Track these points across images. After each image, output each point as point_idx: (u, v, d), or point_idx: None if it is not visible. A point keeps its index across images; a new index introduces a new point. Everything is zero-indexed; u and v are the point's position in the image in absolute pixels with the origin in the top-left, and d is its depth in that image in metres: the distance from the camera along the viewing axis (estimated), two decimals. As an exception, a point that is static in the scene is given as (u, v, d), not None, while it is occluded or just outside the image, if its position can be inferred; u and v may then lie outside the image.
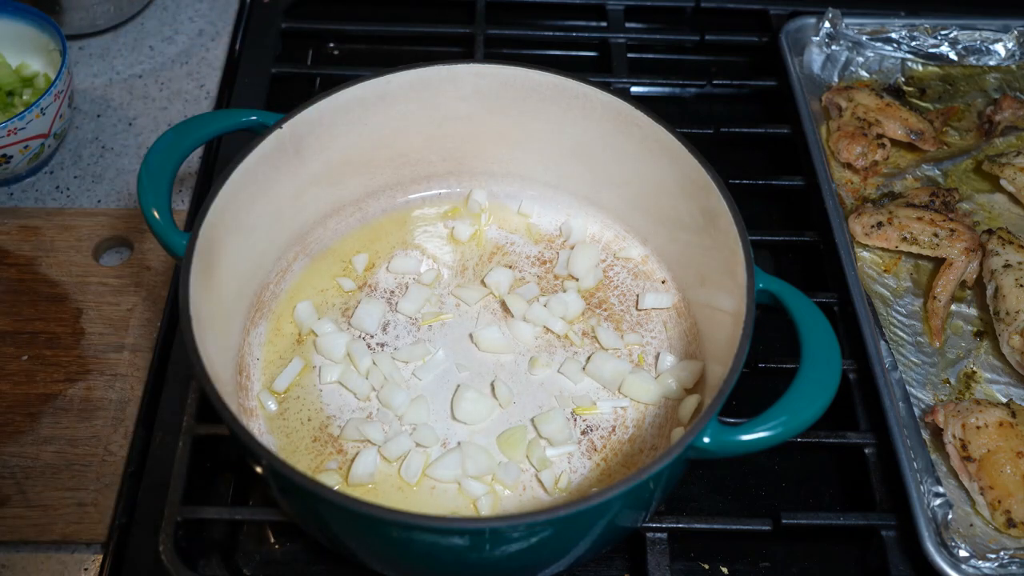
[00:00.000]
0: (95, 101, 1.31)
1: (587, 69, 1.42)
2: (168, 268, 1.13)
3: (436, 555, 0.80)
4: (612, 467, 0.96)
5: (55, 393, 1.03)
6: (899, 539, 0.94)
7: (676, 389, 1.00)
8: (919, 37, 1.34)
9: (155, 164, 0.94)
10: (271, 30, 1.38)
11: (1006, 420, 0.96)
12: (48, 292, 1.11)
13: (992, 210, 1.20)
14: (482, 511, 0.92)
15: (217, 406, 0.79)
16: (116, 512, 0.96)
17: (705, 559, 0.97)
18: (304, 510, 0.84)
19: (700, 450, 0.79)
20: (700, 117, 1.36)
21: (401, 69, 1.03)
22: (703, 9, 1.44)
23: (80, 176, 1.23)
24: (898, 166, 1.24)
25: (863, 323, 1.04)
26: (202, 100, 1.32)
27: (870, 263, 1.14)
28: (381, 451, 0.94)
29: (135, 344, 1.07)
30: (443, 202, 1.15)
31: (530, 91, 1.05)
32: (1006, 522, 0.92)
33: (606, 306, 1.07)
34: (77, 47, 1.37)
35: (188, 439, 0.96)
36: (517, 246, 1.12)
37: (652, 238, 1.10)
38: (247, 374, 1.00)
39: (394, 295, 1.07)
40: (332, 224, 1.11)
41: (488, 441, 0.96)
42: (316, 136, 1.02)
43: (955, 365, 1.06)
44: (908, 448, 0.95)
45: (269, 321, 1.04)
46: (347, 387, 1.00)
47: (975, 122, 1.29)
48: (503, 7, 1.45)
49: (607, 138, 1.05)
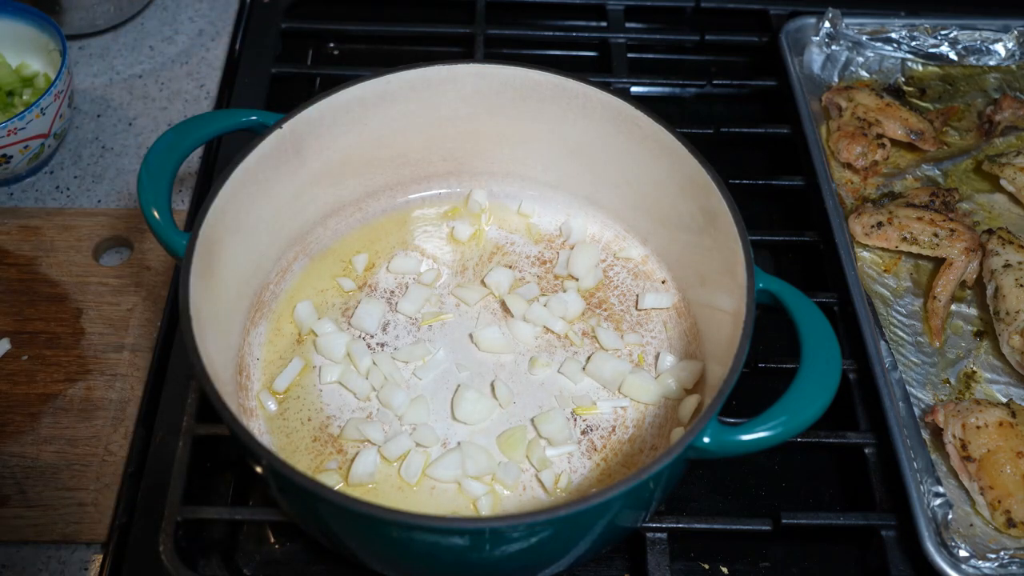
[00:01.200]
0: (95, 101, 1.31)
1: (587, 69, 1.42)
2: (168, 268, 1.13)
3: (436, 555, 0.80)
4: (612, 467, 0.96)
5: (55, 393, 1.03)
6: (899, 539, 0.94)
7: (676, 389, 1.00)
8: (919, 37, 1.34)
9: (155, 164, 0.94)
10: (271, 30, 1.38)
11: (1006, 420, 0.96)
12: (48, 292, 1.11)
13: (992, 210, 1.20)
14: (482, 511, 0.92)
15: (217, 406, 0.79)
16: (116, 512, 0.96)
17: (705, 559, 0.97)
18: (304, 510, 0.84)
19: (700, 450, 0.79)
20: (700, 117, 1.36)
21: (401, 69, 1.03)
22: (703, 9, 1.44)
23: (80, 176, 1.23)
24: (898, 166, 1.24)
25: (863, 323, 1.04)
26: (202, 100, 1.32)
27: (870, 263, 1.14)
28: (381, 451, 0.94)
29: (135, 344, 1.07)
30: (443, 202, 1.15)
31: (530, 91, 1.05)
32: (1006, 522, 0.92)
33: (606, 306, 1.07)
34: (77, 47, 1.37)
35: (188, 439, 0.96)
36: (517, 246, 1.12)
37: (652, 238, 1.10)
38: (247, 374, 1.00)
39: (394, 295, 1.07)
40: (332, 224, 1.11)
41: (488, 441, 0.96)
42: (316, 136, 1.02)
43: (955, 365, 1.06)
44: (908, 448, 0.95)
45: (269, 321, 1.04)
46: (347, 387, 1.00)
47: (975, 122, 1.29)
48: (503, 7, 1.44)
49: (607, 138, 1.05)
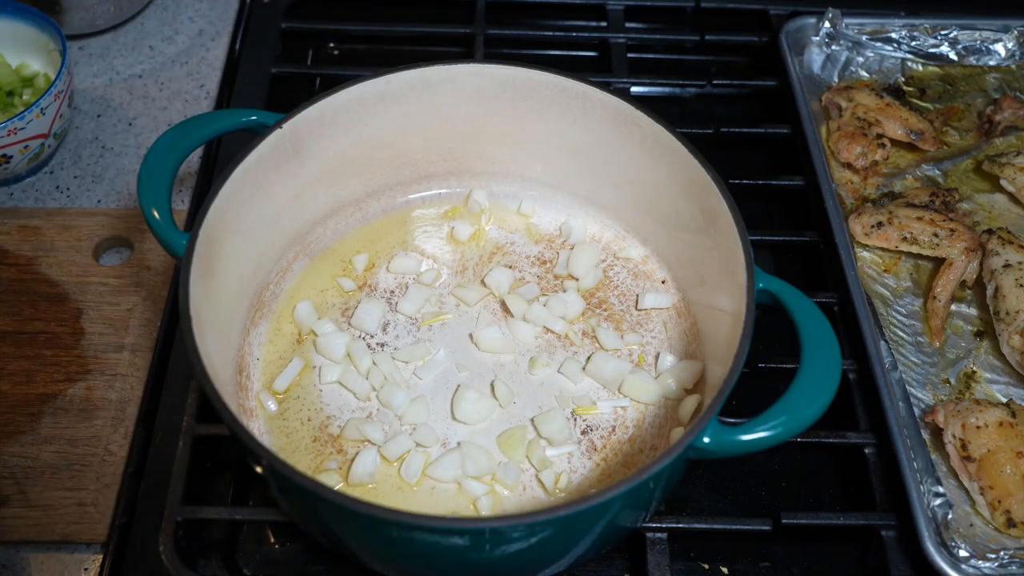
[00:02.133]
0: (95, 101, 1.31)
1: (587, 69, 1.42)
2: (168, 268, 1.13)
3: (436, 555, 0.80)
4: (612, 467, 0.96)
5: (55, 393, 1.03)
6: (899, 539, 0.94)
7: (676, 389, 1.00)
8: (919, 37, 1.34)
9: (155, 164, 0.94)
10: (271, 30, 1.37)
11: (1006, 420, 0.96)
12: (48, 292, 1.11)
13: (992, 210, 1.20)
14: (482, 511, 0.92)
15: (217, 406, 0.79)
16: (116, 512, 0.95)
17: (705, 559, 0.97)
18: (304, 510, 0.84)
19: (700, 450, 0.79)
20: (700, 117, 1.36)
21: (401, 69, 1.03)
22: (703, 9, 1.44)
23: (80, 176, 1.23)
24: (898, 166, 1.24)
25: (863, 323, 1.04)
26: (202, 100, 1.32)
27: (870, 263, 1.14)
28: (381, 451, 0.94)
29: (135, 344, 1.07)
30: (443, 202, 1.15)
31: (530, 91, 1.05)
32: (1006, 522, 0.92)
33: (606, 306, 1.07)
34: (77, 47, 1.37)
35: (188, 439, 0.96)
36: (517, 246, 1.12)
37: (652, 238, 1.10)
38: (247, 374, 1.00)
39: (394, 295, 1.07)
40: (332, 224, 1.11)
41: (488, 441, 0.96)
42: (316, 136, 1.02)
43: (955, 365, 1.06)
44: (908, 448, 0.95)
45: (269, 321, 1.04)
46: (347, 387, 1.00)
47: (975, 122, 1.29)
48: (503, 7, 1.44)
49: (607, 138, 1.05)
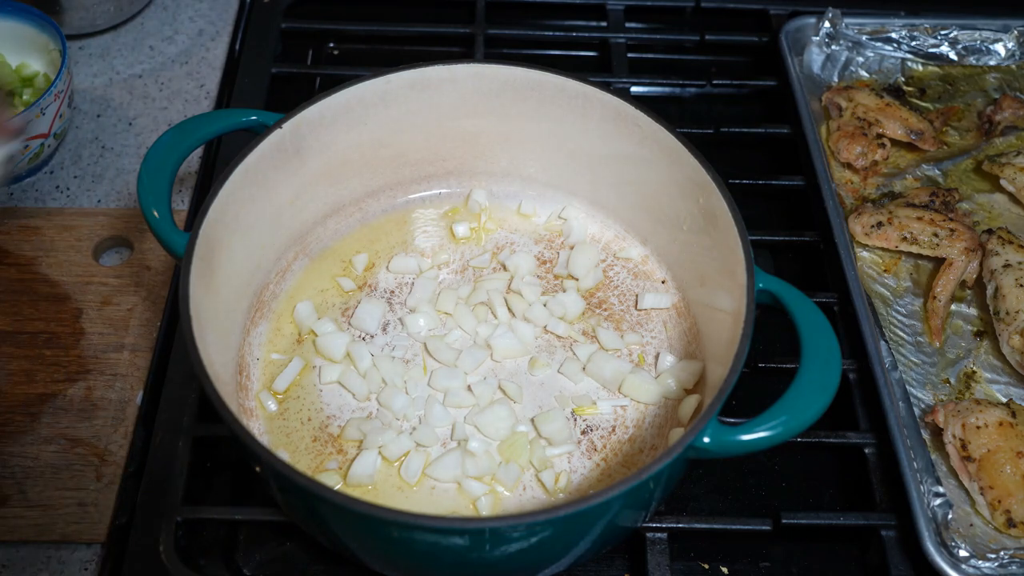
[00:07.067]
0: (95, 101, 1.31)
1: (587, 69, 1.42)
2: (168, 268, 1.13)
3: (436, 555, 0.80)
4: (612, 467, 0.96)
5: (55, 393, 1.03)
6: (899, 539, 0.94)
7: (676, 389, 1.00)
8: (919, 37, 1.34)
9: (155, 164, 0.94)
10: (271, 30, 1.37)
11: (1006, 420, 0.96)
12: (48, 292, 1.10)
13: (992, 210, 1.20)
14: (482, 511, 0.92)
15: (217, 406, 0.79)
16: (116, 512, 0.95)
17: (705, 559, 0.97)
18: (304, 510, 0.84)
19: (700, 450, 0.79)
20: (700, 117, 1.36)
21: (401, 69, 1.03)
22: (703, 9, 1.44)
23: (80, 176, 1.23)
24: (898, 166, 1.24)
25: (863, 323, 1.04)
26: (202, 100, 1.32)
27: (870, 263, 1.14)
28: (381, 451, 0.94)
29: (135, 344, 1.07)
30: (443, 202, 1.15)
31: (530, 91, 1.05)
32: (1006, 522, 0.92)
33: (606, 306, 1.07)
34: (77, 47, 1.36)
35: (188, 439, 0.96)
36: (517, 246, 1.12)
37: (652, 238, 1.10)
38: (247, 374, 1.00)
39: (394, 295, 1.07)
40: (332, 224, 1.11)
41: (489, 445, 0.96)
42: (316, 136, 1.02)
43: (955, 365, 1.06)
44: (908, 448, 0.95)
45: (269, 321, 1.04)
46: (347, 387, 1.00)
47: (975, 122, 1.29)
48: (503, 7, 1.44)
49: (607, 138, 1.05)
